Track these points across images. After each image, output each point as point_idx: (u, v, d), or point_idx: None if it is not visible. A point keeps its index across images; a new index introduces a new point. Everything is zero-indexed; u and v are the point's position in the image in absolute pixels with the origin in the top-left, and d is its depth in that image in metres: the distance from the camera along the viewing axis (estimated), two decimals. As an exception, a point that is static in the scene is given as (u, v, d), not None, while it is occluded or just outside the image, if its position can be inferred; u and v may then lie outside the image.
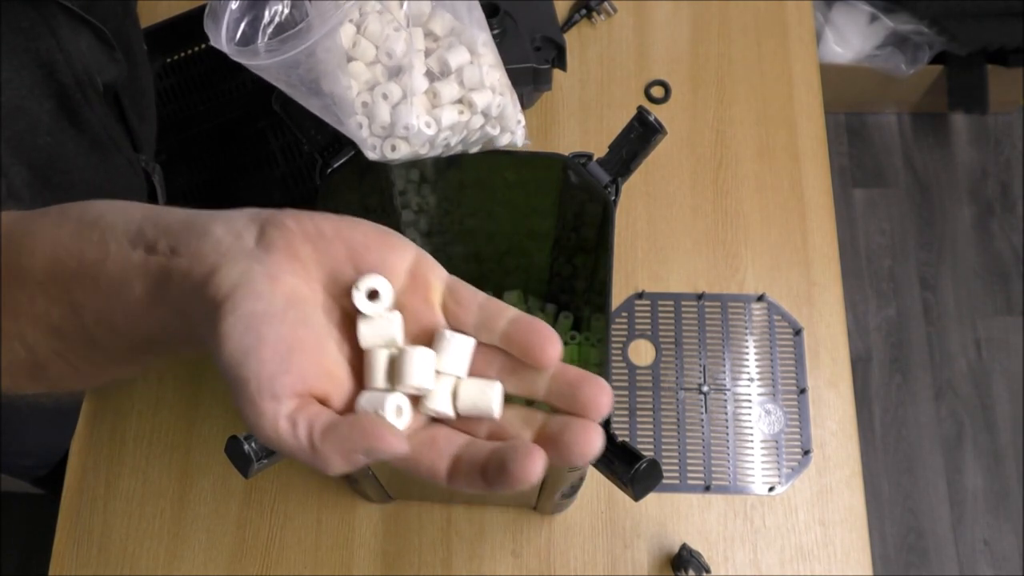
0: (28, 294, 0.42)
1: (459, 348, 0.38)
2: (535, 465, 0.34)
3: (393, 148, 0.61)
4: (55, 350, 0.43)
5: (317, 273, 0.38)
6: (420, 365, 0.37)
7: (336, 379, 0.37)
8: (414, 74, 0.61)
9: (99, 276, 0.40)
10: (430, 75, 0.62)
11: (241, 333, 0.35)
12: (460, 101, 0.63)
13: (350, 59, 0.61)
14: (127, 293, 0.39)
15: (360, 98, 0.61)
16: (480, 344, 0.39)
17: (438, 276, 0.40)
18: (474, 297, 0.39)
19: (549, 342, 0.37)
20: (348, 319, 0.39)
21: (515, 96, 0.66)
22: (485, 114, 0.63)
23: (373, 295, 0.38)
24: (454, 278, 0.40)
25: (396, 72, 0.62)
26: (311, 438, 0.35)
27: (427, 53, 0.63)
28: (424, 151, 0.62)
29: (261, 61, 0.55)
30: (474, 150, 0.66)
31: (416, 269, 0.39)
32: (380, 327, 0.38)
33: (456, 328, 0.39)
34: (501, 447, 0.36)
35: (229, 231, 0.38)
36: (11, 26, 0.56)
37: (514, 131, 0.66)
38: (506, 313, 0.38)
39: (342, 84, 0.59)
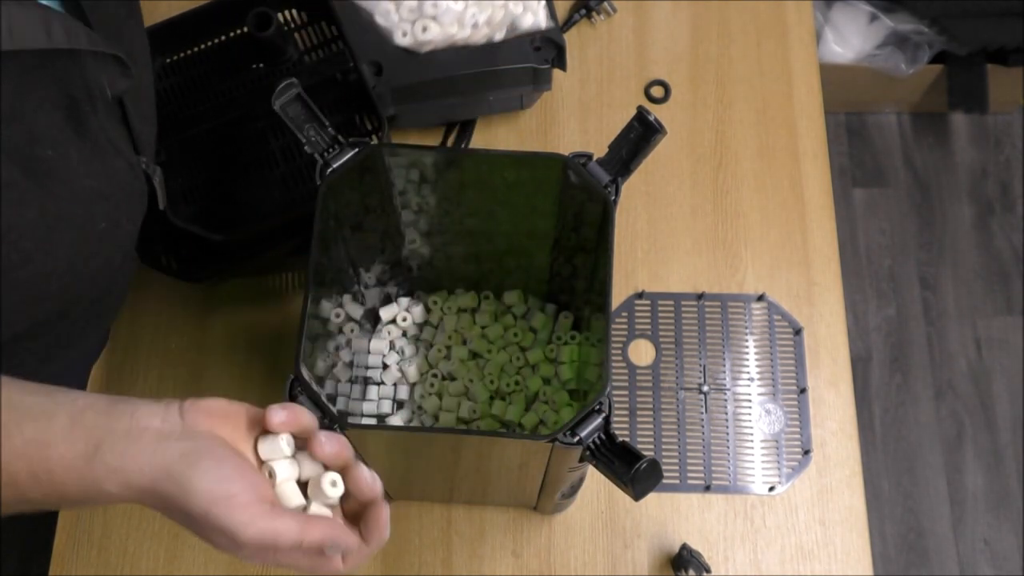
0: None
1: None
2: None
3: (424, 29, 0.61)
4: None
5: (234, 424, 0.51)
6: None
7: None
8: None
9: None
10: None
11: (214, 472, 0.47)
12: None
13: None
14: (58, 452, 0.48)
15: None
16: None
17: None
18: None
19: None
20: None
21: None
22: None
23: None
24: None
25: None
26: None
27: None
28: (453, 30, 0.62)
29: None
30: (499, 36, 0.66)
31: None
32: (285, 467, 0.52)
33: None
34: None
35: (153, 413, 0.49)
36: None
37: (536, 11, 0.65)
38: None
39: None
